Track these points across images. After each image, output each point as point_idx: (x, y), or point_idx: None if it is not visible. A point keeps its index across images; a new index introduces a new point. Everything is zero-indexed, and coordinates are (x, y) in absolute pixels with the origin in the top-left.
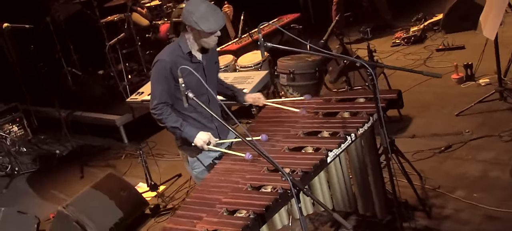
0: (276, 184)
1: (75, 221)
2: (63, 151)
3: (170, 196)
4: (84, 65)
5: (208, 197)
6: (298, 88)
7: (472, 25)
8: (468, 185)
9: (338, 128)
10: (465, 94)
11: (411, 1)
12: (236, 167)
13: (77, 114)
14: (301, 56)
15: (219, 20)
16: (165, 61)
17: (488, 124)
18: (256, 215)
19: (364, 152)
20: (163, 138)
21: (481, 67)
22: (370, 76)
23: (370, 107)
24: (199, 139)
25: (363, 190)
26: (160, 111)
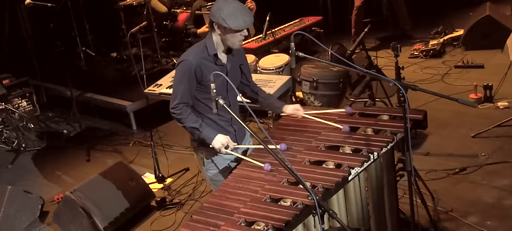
0: (296, 198)
1: (81, 207)
2: (71, 131)
3: (177, 190)
4: (98, 47)
5: (226, 204)
6: (320, 98)
7: (492, 44)
8: (482, 211)
9: (361, 145)
10: (482, 116)
11: (431, 14)
12: (255, 175)
13: (87, 95)
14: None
15: (247, 19)
16: (190, 62)
17: (505, 150)
18: (275, 229)
19: (382, 171)
20: (171, 129)
21: (500, 90)
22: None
23: (394, 126)
24: (218, 141)
25: (377, 208)
26: (180, 111)
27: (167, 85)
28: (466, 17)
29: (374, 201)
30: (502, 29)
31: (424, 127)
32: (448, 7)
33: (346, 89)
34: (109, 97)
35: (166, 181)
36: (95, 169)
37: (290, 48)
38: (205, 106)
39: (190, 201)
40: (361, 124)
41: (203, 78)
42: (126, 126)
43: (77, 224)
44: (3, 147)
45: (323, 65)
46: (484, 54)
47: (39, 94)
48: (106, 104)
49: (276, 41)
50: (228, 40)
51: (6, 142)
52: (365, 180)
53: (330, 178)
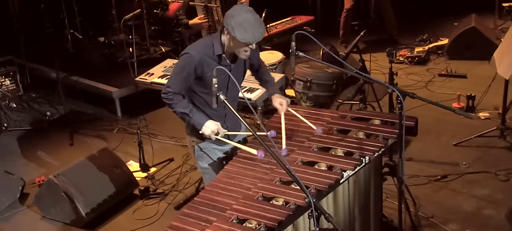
0: (289, 198)
1: (64, 191)
2: (54, 113)
3: (161, 180)
4: (85, 30)
5: (218, 199)
6: (312, 98)
7: (476, 55)
8: (461, 219)
9: (353, 148)
10: (464, 125)
11: (417, 21)
12: (247, 172)
13: (73, 78)
14: (320, 66)
15: (256, 33)
16: (193, 57)
17: (485, 160)
18: (268, 228)
19: (370, 174)
20: (157, 118)
21: (483, 101)
22: (400, 104)
23: (387, 131)
24: (208, 128)
25: (363, 212)
26: (171, 97)
27: (159, 75)
28: (451, 27)
29: (361, 204)
30: (486, 41)
31: (414, 134)
32: (434, 15)
33: (339, 91)
34: (95, 82)
35: (150, 170)
36: (78, 153)
37: (291, 48)
38: (201, 100)
39: (174, 192)
40: (358, 128)
41: (203, 74)
42: (110, 112)
43: (58, 208)
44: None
45: (317, 65)
46: (467, 65)
47: (23, 74)
48: (91, 88)
49: (268, 38)
50: (235, 49)
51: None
52: (354, 183)
53: (323, 180)
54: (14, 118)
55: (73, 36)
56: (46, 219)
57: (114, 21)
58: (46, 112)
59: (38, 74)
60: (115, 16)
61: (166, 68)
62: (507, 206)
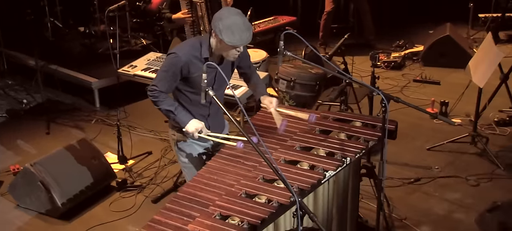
0: (271, 196)
1: (40, 181)
2: (31, 101)
3: (138, 172)
4: (66, 19)
5: (201, 195)
6: (295, 97)
7: (449, 63)
8: (433, 221)
9: (335, 149)
10: (437, 130)
11: (394, 27)
12: (230, 168)
13: (52, 67)
14: (304, 66)
15: (244, 36)
16: (179, 58)
17: (457, 165)
18: (250, 226)
19: (349, 175)
20: (136, 110)
21: (456, 108)
22: (384, 108)
23: (367, 133)
24: (191, 126)
25: (340, 211)
26: (157, 94)
27: (142, 68)
28: (426, 34)
29: (339, 204)
30: (460, 50)
31: (394, 137)
32: (410, 23)
33: (321, 92)
34: (74, 72)
35: (128, 163)
36: (55, 143)
37: (279, 47)
38: (186, 98)
39: (152, 185)
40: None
41: (189, 75)
42: (89, 102)
43: (33, 198)
44: None
45: (301, 65)
46: (441, 72)
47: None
48: (70, 78)
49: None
50: (223, 51)
51: None
52: (334, 183)
53: (305, 179)
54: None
55: (53, 24)
56: (20, 208)
57: (96, 12)
58: (22, 100)
59: (15, 61)
60: (96, 6)
61: (150, 61)
62: (477, 210)
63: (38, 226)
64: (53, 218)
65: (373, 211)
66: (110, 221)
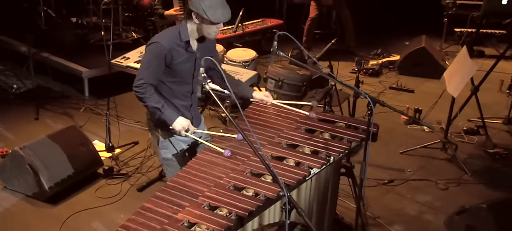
0: (258, 190)
1: (29, 164)
2: (21, 87)
3: (125, 161)
4: (59, 8)
5: (190, 185)
6: (282, 97)
7: (423, 73)
8: (405, 222)
9: (320, 148)
10: (410, 135)
11: (373, 37)
12: (219, 161)
13: (43, 55)
14: (292, 68)
15: (226, 13)
16: (163, 46)
17: (427, 169)
18: (238, 217)
19: (331, 174)
20: (124, 100)
21: (428, 115)
22: (370, 111)
23: (351, 134)
24: (179, 124)
25: (320, 208)
26: (143, 90)
27: (135, 60)
28: (403, 45)
29: (319, 200)
30: (433, 62)
31: (375, 140)
32: (388, 33)
33: (307, 93)
34: (65, 61)
35: (115, 151)
36: (43, 128)
37: (272, 47)
38: (169, 89)
39: (137, 174)
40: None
41: (172, 62)
42: (78, 91)
43: (21, 180)
44: None
45: (290, 66)
46: (415, 81)
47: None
48: (61, 66)
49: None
50: (204, 30)
51: None
52: (316, 181)
53: (291, 175)
54: None
55: (46, 13)
56: (7, 189)
57: (89, 3)
58: (12, 85)
59: (6, 47)
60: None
61: (142, 54)
62: (446, 213)
63: (25, 208)
64: (40, 201)
65: (349, 209)
66: (95, 206)
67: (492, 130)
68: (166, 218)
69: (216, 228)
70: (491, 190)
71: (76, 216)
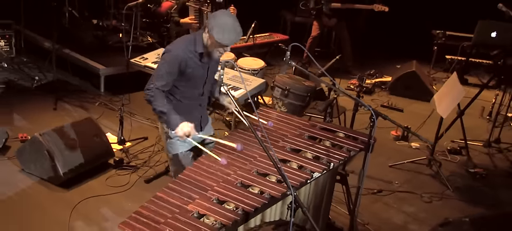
0: (264, 188)
1: (47, 150)
2: (42, 79)
3: (134, 154)
4: (82, 10)
5: (200, 179)
6: (287, 105)
7: (412, 95)
8: (392, 229)
9: (321, 154)
10: (398, 150)
11: (368, 58)
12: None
13: (65, 51)
14: (298, 78)
15: (232, 38)
16: (178, 55)
17: (414, 182)
18: (244, 212)
19: (328, 179)
20: (137, 99)
21: None
22: (372, 123)
23: (350, 144)
24: (181, 129)
25: (315, 211)
26: (153, 94)
27: (152, 60)
28: (394, 68)
29: (315, 204)
30: (422, 85)
31: (371, 151)
32: (381, 56)
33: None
34: (85, 58)
35: (126, 144)
36: (60, 118)
37: (285, 57)
38: (180, 91)
39: (145, 167)
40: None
41: (186, 70)
42: (94, 86)
43: (38, 165)
44: None
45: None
46: (404, 101)
47: (18, 39)
48: (80, 63)
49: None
50: (211, 48)
51: None
52: (314, 185)
53: (295, 177)
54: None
55: (70, 13)
56: (24, 172)
57: (111, 7)
58: (34, 76)
59: (32, 41)
60: (111, 2)
61: (159, 55)
62: (429, 224)
63: (40, 191)
64: (54, 185)
65: (339, 214)
66: (105, 194)
67: (473, 151)
68: (177, 208)
69: (223, 220)
70: (472, 206)
71: (87, 201)
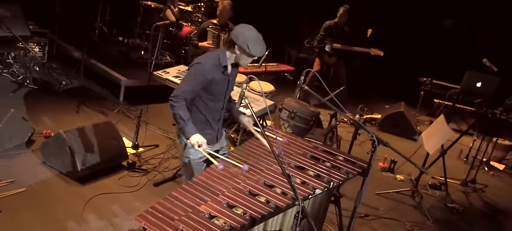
0: (270, 198)
1: (69, 146)
2: (68, 84)
3: (146, 159)
4: (111, 27)
5: (212, 184)
6: (292, 126)
7: (399, 133)
8: None
9: (323, 173)
10: (384, 181)
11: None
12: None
13: (92, 61)
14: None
15: (263, 50)
16: (204, 67)
17: (398, 211)
18: (251, 218)
19: (324, 198)
20: (152, 110)
21: (402, 167)
22: (373, 149)
23: (349, 167)
24: (194, 138)
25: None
26: (177, 100)
27: (173, 75)
28: (383, 107)
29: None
30: (408, 125)
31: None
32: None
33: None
34: (109, 69)
35: (139, 150)
36: (81, 120)
37: (299, 81)
38: (204, 104)
39: (155, 171)
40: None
41: (211, 81)
42: (114, 95)
43: (59, 159)
44: (9, 77)
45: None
46: (391, 138)
47: (51, 47)
48: (104, 73)
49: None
50: (240, 59)
51: (12, 74)
52: (312, 202)
53: (299, 191)
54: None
55: (100, 29)
56: (45, 165)
57: (136, 27)
58: (62, 81)
59: (63, 50)
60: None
61: (180, 71)
62: None
63: (58, 183)
64: (71, 179)
65: None
66: (117, 192)
67: (451, 188)
68: (190, 208)
69: (232, 223)
70: None
71: (100, 197)
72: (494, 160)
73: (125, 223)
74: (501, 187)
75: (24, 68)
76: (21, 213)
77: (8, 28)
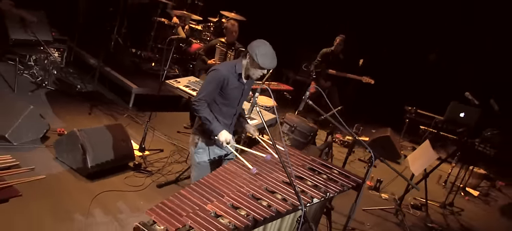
0: (271, 203)
1: (81, 144)
2: (83, 88)
3: (151, 162)
4: (126, 39)
5: (218, 186)
6: (292, 140)
7: (384, 155)
8: None
9: (321, 184)
10: (370, 198)
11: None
12: (242, 173)
13: (106, 69)
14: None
15: (273, 63)
16: (222, 73)
17: (382, 227)
18: (254, 220)
19: (317, 209)
20: (159, 117)
21: (387, 186)
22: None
23: (344, 180)
24: (223, 135)
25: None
26: (200, 103)
27: (184, 84)
28: (370, 132)
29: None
30: (393, 149)
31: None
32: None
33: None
34: (122, 77)
35: (145, 152)
36: (93, 122)
37: (304, 96)
38: (218, 109)
39: (158, 173)
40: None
41: (227, 87)
42: (125, 101)
43: (70, 156)
44: (29, 78)
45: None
46: None
47: (69, 53)
48: (117, 80)
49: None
50: (250, 71)
51: (32, 75)
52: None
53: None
54: (53, 80)
55: (116, 40)
56: (57, 160)
57: (150, 40)
58: (77, 85)
59: (80, 57)
60: (151, 37)
61: (190, 82)
62: None
63: (68, 178)
64: (81, 175)
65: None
66: (122, 190)
67: (431, 210)
68: (197, 206)
69: (237, 223)
70: None
71: (106, 193)
72: (470, 186)
73: (129, 219)
74: (476, 212)
75: (44, 70)
76: (38, 200)
77: (33, 33)
